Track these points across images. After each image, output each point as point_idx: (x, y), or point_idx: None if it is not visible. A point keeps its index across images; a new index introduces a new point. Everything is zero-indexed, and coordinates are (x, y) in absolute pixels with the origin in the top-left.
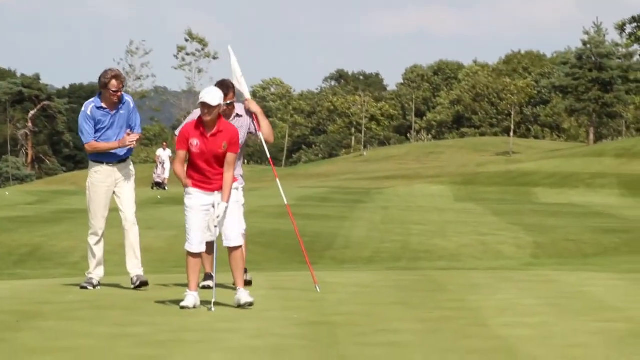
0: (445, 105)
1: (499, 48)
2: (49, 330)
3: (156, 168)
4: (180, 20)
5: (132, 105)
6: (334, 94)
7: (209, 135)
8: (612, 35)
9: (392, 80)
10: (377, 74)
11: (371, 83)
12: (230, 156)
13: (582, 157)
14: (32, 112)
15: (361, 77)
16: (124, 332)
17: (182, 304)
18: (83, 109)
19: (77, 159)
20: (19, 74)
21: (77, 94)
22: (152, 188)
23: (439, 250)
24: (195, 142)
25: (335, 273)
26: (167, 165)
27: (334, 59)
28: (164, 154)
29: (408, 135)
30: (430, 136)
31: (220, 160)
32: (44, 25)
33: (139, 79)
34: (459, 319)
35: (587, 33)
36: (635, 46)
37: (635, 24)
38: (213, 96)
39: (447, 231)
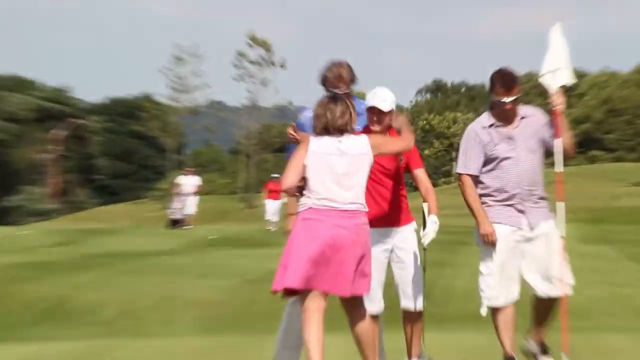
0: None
1: (631, 52)
2: None
3: (172, 201)
4: (238, 19)
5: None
6: (430, 110)
7: None
8: None
9: None
10: (483, 85)
11: (475, 95)
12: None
13: None
14: (63, 132)
15: (463, 89)
16: None
17: None
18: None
19: (112, 189)
20: (44, 85)
21: (116, 110)
22: (168, 227)
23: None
24: None
25: (433, 335)
26: (192, 198)
27: (429, 67)
28: (185, 182)
29: None
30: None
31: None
32: (74, 25)
33: (187, 91)
34: None
35: None
36: None
37: None
38: (384, 98)
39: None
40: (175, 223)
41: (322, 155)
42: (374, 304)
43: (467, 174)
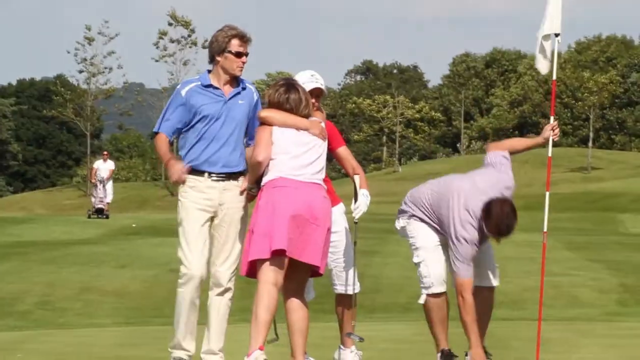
0: (502, 107)
1: (571, 32)
2: None
3: (95, 188)
4: None
5: (255, 98)
6: (359, 93)
7: None
8: None
9: (435, 74)
10: (416, 67)
11: (407, 79)
12: None
13: None
14: None
15: (395, 71)
16: None
17: None
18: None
19: (28, 176)
20: None
21: (27, 92)
22: (90, 216)
23: (497, 294)
24: None
25: (362, 324)
26: (110, 185)
27: (359, 47)
28: (103, 167)
29: (457, 145)
30: (483, 147)
31: None
32: None
33: (102, 73)
34: None
35: None
36: None
37: None
38: (322, 80)
39: (507, 270)
40: (100, 212)
41: (286, 132)
42: (349, 286)
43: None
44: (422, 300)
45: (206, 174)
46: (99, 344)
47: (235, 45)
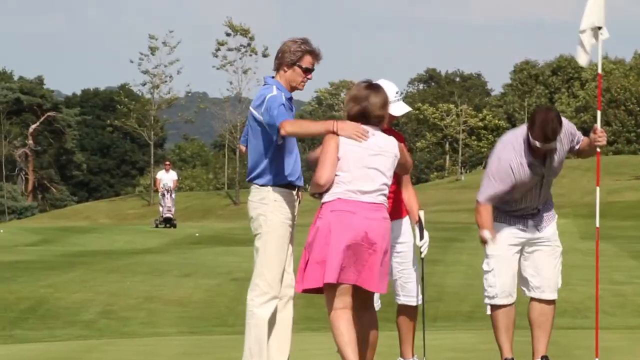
0: (567, 113)
1: (636, 39)
2: None
3: (162, 198)
4: (216, 6)
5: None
6: (422, 101)
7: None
8: None
9: (498, 82)
10: (479, 75)
11: (470, 86)
12: None
13: None
14: (33, 126)
15: (457, 79)
16: None
17: None
18: (273, 92)
19: (92, 185)
20: (16, 77)
21: (91, 102)
22: (157, 226)
23: (561, 302)
24: None
25: (426, 333)
26: (173, 195)
27: (422, 56)
28: (166, 177)
29: None
30: None
31: None
32: (47, 14)
33: (165, 82)
34: None
35: None
36: None
37: None
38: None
39: (571, 278)
40: (168, 221)
41: (352, 148)
42: (412, 297)
43: (486, 205)
44: (488, 311)
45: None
46: (162, 353)
47: (307, 61)
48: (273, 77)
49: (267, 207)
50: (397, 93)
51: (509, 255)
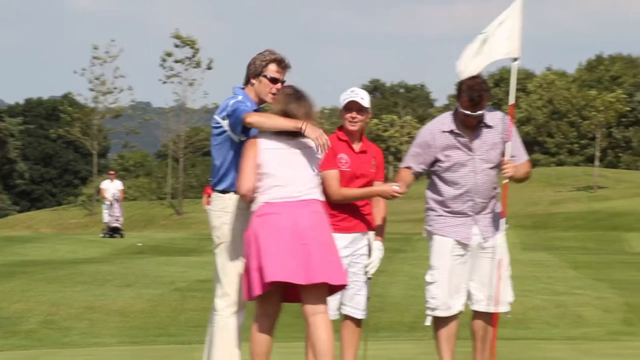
0: None
1: (579, 51)
2: None
3: (110, 207)
4: (165, 17)
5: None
6: None
7: (357, 150)
8: None
9: (442, 93)
10: (422, 86)
11: (414, 97)
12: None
13: None
14: None
15: (401, 90)
16: None
17: None
18: (238, 98)
19: (34, 195)
20: None
21: (34, 112)
22: (105, 235)
23: (502, 313)
24: (344, 157)
25: (368, 344)
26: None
27: (365, 67)
28: (111, 187)
29: None
30: None
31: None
32: None
33: (111, 92)
34: None
35: None
36: None
37: None
38: (362, 95)
39: (513, 289)
40: (116, 230)
41: (273, 151)
42: (358, 310)
43: (406, 168)
44: (428, 322)
45: None
46: None
47: (272, 70)
48: (242, 89)
49: (230, 215)
50: (351, 91)
51: (453, 266)
